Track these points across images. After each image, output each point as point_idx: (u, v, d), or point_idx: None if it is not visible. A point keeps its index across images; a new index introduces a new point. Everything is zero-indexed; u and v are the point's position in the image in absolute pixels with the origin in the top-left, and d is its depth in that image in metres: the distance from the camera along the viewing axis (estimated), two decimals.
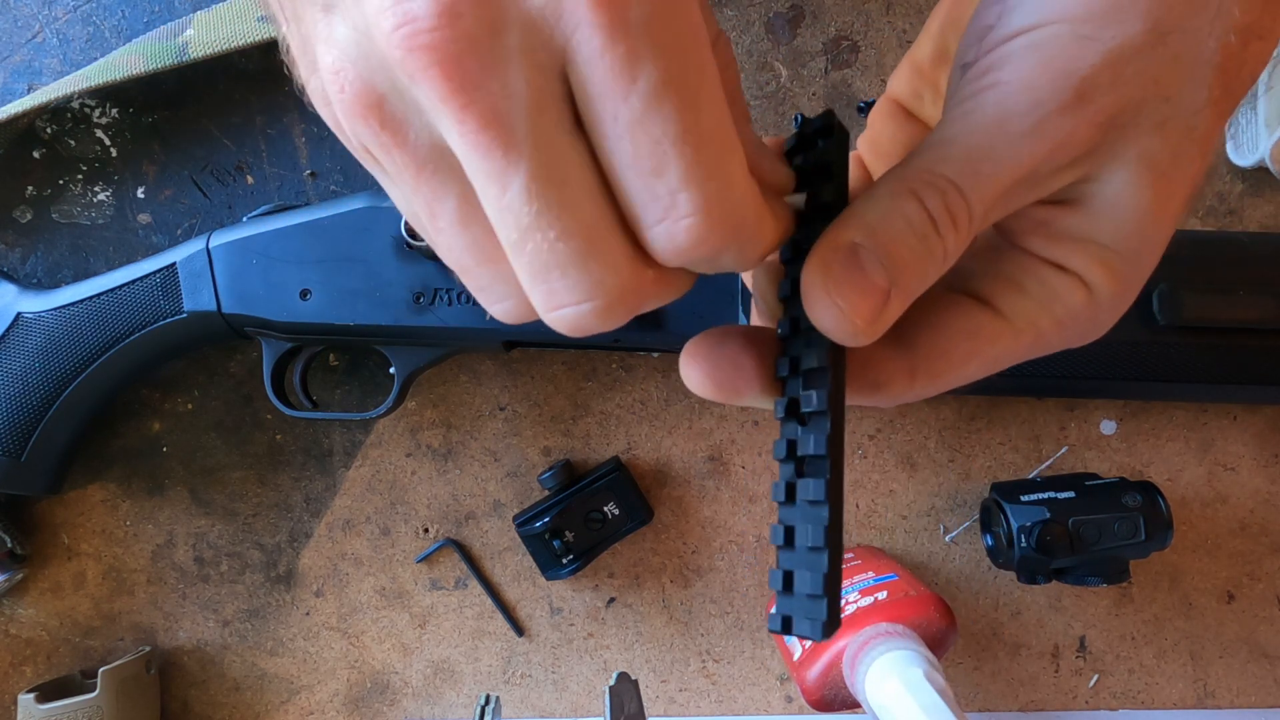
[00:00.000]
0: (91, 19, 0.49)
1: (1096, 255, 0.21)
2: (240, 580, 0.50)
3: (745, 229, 0.18)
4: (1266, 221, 0.50)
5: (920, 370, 0.21)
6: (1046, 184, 0.20)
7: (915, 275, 0.20)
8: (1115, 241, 0.21)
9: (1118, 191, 0.20)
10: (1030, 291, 0.21)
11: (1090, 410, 0.51)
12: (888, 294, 0.19)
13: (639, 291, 0.18)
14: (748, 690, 0.51)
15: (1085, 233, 0.21)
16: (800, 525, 0.20)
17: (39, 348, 0.44)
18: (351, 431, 0.50)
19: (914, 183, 0.20)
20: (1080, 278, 0.21)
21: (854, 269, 0.19)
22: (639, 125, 0.16)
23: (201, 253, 0.43)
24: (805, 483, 0.20)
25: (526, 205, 0.17)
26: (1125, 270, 0.21)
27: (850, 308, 0.19)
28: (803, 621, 0.20)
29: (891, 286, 0.19)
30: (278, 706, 0.50)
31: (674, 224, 0.17)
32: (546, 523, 0.47)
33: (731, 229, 0.18)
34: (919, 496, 0.51)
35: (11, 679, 0.50)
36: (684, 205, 0.17)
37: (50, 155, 0.49)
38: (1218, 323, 0.43)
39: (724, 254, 0.18)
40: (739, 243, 0.18)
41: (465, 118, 0.16)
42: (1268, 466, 0.51)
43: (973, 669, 0.51)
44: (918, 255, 0.20)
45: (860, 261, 0.19)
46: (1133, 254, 0.21)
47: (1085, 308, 0.21)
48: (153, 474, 0.50)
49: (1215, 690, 0.51)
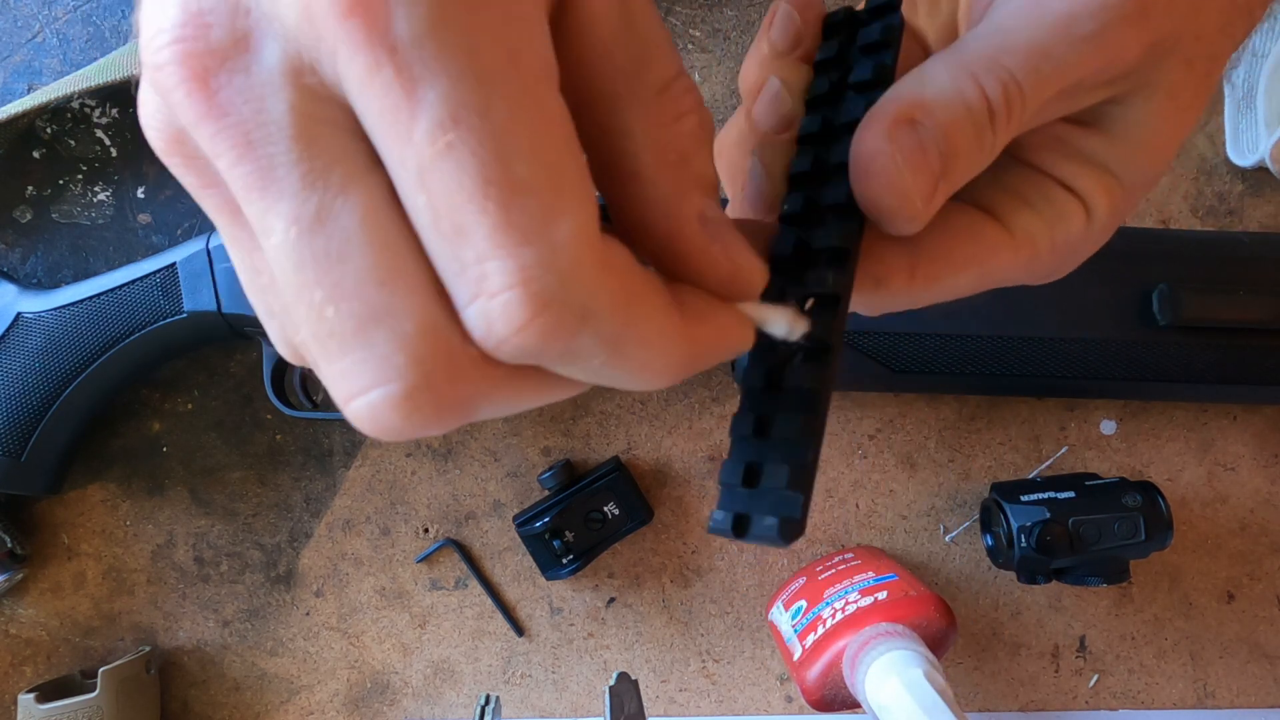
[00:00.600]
0: (91, 19, 0.49)
1: (1104, 181, 0.21)
2: (240, 580, 0.50)
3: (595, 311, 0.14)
4: (1266, 221, 0.50)
5: (920, 271, 0.20)
6: (1083, 97, 0.20)
7: (963, 166, 0.19)
8: (1123, 169, 0.21)
9: (1139, 119, 0.20)
10: (1037, 208, 0.21)
11: (1090, 410, 0.51)
12: (940, 179, 0.18)
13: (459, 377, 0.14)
14: (748, 690, 0.51)
15: (1099, 156, 0.21)
16: (783, 415, 0.18)
17: (39, 348, 0.44)
18: (351, 431, 0.50)
19: (975, 67, 0.18)
20: (1084, 201, 0.21)
21: (917, 145, 0.18)
22: (429, 172, 0.13)
23: (201, 253, 0.43)
24: (801, 369, 0.18)
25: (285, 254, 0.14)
26: (1122, 202, 0.21)
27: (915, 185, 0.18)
28: (764, 521, 0.17)
29: (943, 173, 0.18)
30: (278, 706, 0.50)
31: (487, 303, 0.13)
32: (546, 523, 0.47)
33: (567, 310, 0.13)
34: (919, 496, 0.51)
35: (11, 679, 0.50)
36: (494, 278, 0.13)
37: (50, 155, 0.49)
38: (1218, 323, 0.43)
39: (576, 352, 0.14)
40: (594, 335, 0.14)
41: (217, 146, 0.14)
42: (1268, 466, 0.51)
43: (973, 669, 0.51)
44: (970, 145, 0.18)
45: (920, 137, 0.18)
46: (1132, 186, 0.21)
47: (1081, 233, 0.21)
48: (153, 474, 0.50)
49: (1215, 690, 0.51)
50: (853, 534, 0.51)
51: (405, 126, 0.13)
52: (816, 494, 0.50)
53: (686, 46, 0.49)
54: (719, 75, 0.50)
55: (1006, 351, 0.43)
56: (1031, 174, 0.21)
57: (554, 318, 0.13)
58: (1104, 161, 0.21)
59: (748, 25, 0.49)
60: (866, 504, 0.51)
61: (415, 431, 0.14)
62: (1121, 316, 0.43)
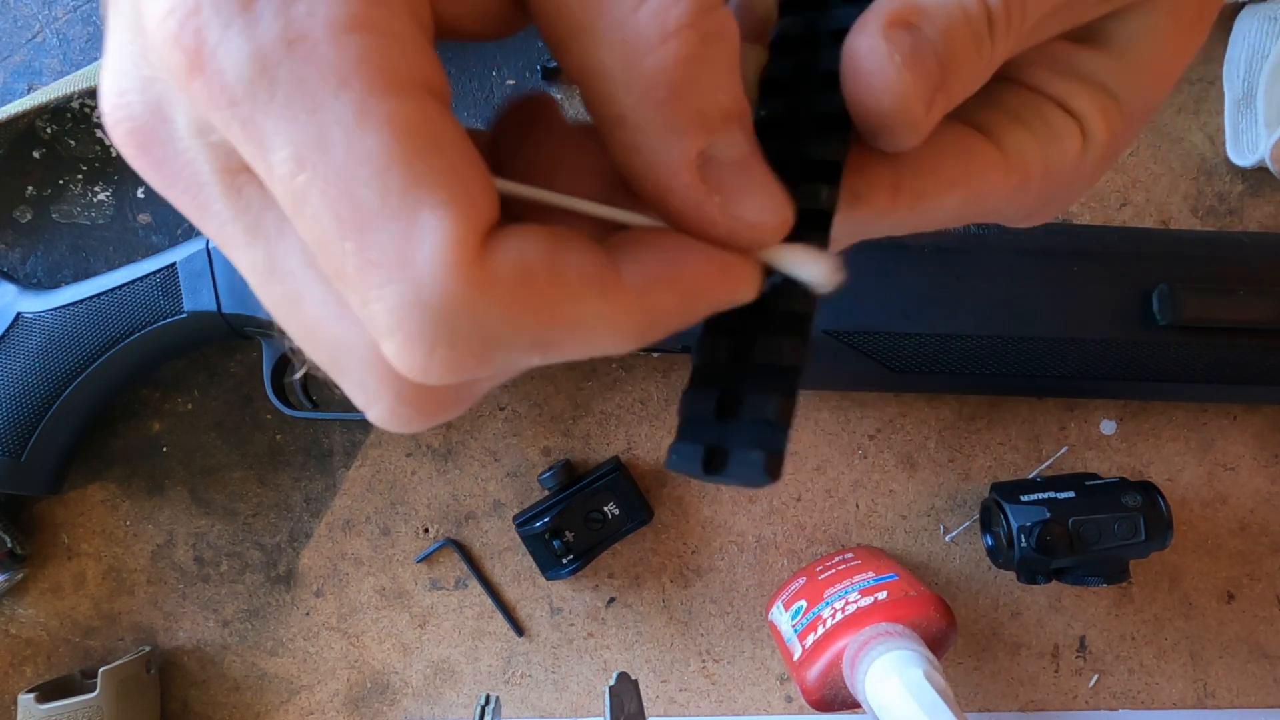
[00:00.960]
0: (91, 19, 0.49)
1: (1100, 102, 0.20)
2: (240, 580, 0.50)
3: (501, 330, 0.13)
4: (1266, 221, 0.50)
5: (904, 187, 0.18)
6: (1083, 11, 0.19)
7: (962, 78, 0.17)
8: (1122, 89, 0.20)
9: (1139, 36, 0.20)
10: (1031, 125, 0.20)
11: (1090, 410, 0.51)
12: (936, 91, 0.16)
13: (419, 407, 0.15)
14: (748, 690, 0.51)
15: (1097, 74, 0.20)
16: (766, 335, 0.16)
17: (39, 348, 0.44)
18: (351, 431, 0.50)
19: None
20: (1080, 123, 0.20)
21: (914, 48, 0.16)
22: (297, 216, 0.13)
23: (201, 253, 0.43)
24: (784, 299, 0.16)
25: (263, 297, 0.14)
26: (1120, 127, 0.20)
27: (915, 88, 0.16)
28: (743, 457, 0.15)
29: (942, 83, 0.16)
30: (278, 706, 0.50)
31: (387, 346, 0.13)
32: (546, 523, 0.47)
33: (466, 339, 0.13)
34: (919, 496, 0.51)
35: (11, 679, 0.50)
36: (378, 322, 0.13)
37: (50, 155, 0.49)
38: (1218, 323, 0.43)
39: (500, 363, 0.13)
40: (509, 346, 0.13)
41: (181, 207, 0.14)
42: (1268, 466, 0.51)
43: (973, 669, 0.51)
44: (969, 55, 0.17)
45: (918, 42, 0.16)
46: (1131, 110, 0.20)
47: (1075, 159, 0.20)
48: (153, 474, 0.50)
49: (1215, 690, 0.51)
50: (853, 534, 0.51)
51: (266, 175, 0.12)
52: (816, 494, 0.51)
53: None
54: None
55: (1006, 351, 0.43)
56: (1026, 93, 0.20)
57: (448, 350, 0.13)
58: (1102, 80, 0.20)
59: None
60: (866, 504, 0.51)
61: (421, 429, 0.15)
62: (1121, 316, 0.43)
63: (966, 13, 0.16)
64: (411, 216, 0.12)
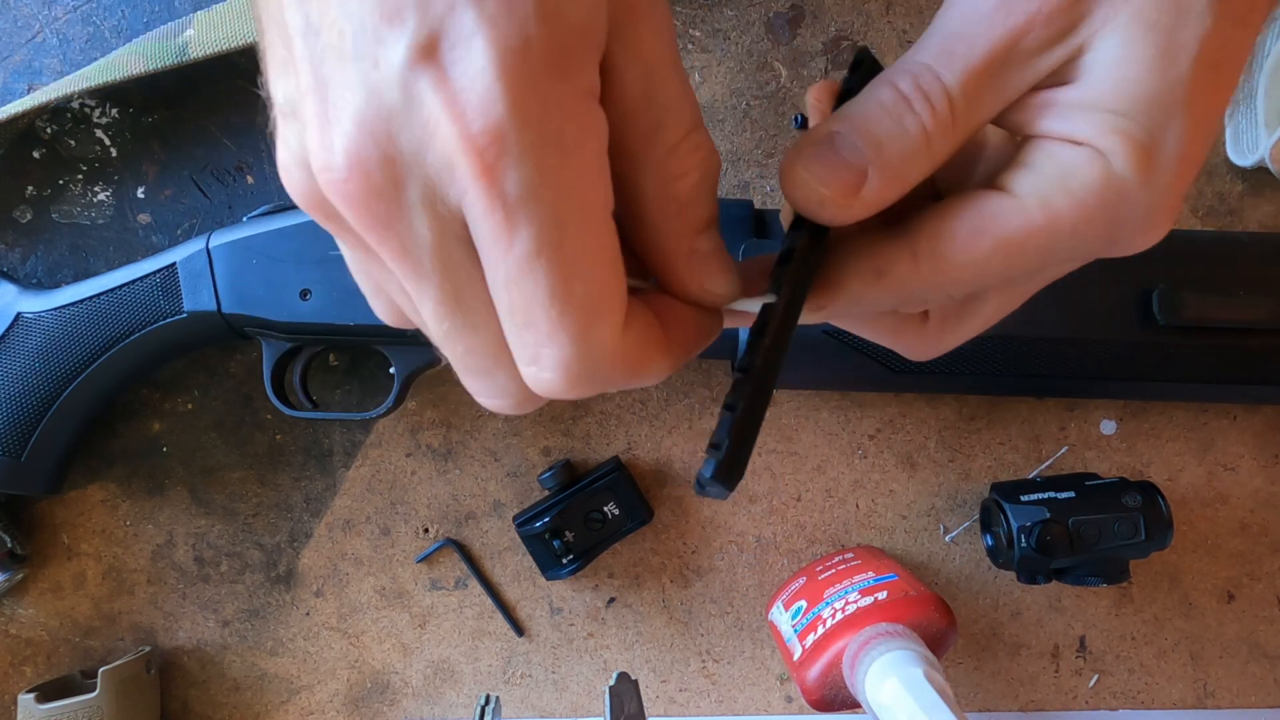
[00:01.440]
0: (91, 19, 0.49)
1: (1105, 121, 0.20)
2: (240, 580, 0.50)
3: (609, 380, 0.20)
4: (1266, 221, 0.50)
5: (922, 251, 0.21)
6: (1036, 63, 0.20)
7: (895, 152, 0.20)
8: (1124, 105, 0.20)
9: (1113, 54, 0.20)
10: (1037, 166, 0.21)
11: (1090, 410, 0.51)
12: (864, 171, 0.20)
13: (535, 402, 0.21)
14: (748, 690, 0.51)
15: (1089, 100, 0.20)
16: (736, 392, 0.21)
17: (39, 348, 0.44)
18: (351, 431, 0.50)
19: (889, 74, 0.21)
20: (1093, 147, 0.20)
21: (826, 149, 0.20)
22: (514, 283, 0.18)
23: (201, 253, 0.43)
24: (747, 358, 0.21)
25: (438, 324, 0.20)
26: (1144, 136, 0.20)
27: (819, 179, 0.20)
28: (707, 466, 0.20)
29: (869, 164, 0.20)
30: (278, 706, 0.50)
31: (537, 373, 0.19)
32: (546, 523, 0.47)
33: (589, 382, 0.19)
34: (919, 496, 0.51)
35: (11, 679, 0.50)
36: (545, 360, 0.19)
37: (50, 155, 0.49)
38: (1218, 323, 0.43)
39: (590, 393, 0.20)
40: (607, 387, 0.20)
41: (381, 249, 0.19)
42: (1268, 466, 0.51)
43: (973, 669, 0.51)
44: (894, 133, 0.20)
45: (835, 144, 0.20)
46: (1148, 118, 0.20)
47: (1106, 182, 0.20)
48: (153, 474, 0.50)
49: (1215, 690, 0.51)
50: (853, 534, 0.51)
51: (505, 250, 0.18)
52: (816, 494, 0.51)
53: (686, 46, 0.49)
54: (719, 75, 0.50)
55: (1006, 351, 0.43)
56: (1031, 141, 0.21)
57: (579, 390, 0.19)
58: (1097, 104, 0.20)
59: (747, 25, 0.49)
60: (866, 504, 0.51)
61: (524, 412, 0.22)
62: (1121, 316, 0.43)
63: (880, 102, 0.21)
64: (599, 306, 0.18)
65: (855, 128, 0.20)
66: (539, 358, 0.19)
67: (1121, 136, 0.20)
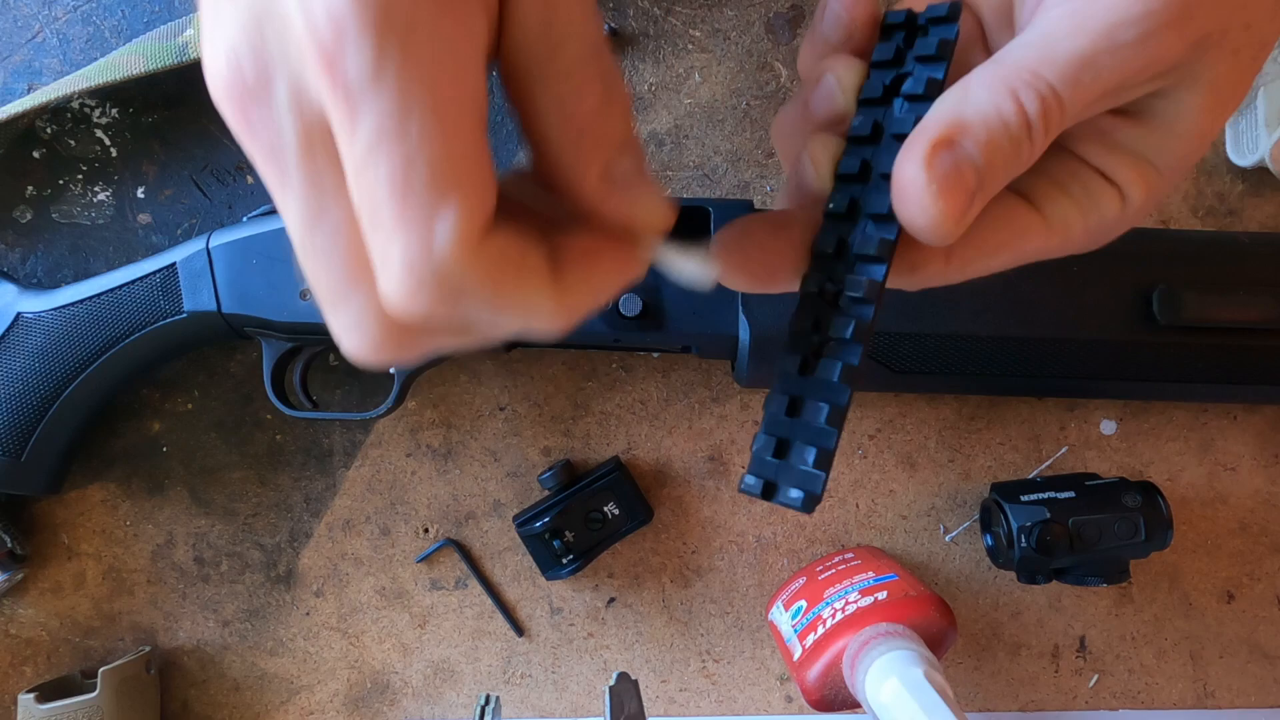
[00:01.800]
0: (91, 19, 0.49)
1: (1142, 170, 0.21)
2: (240, 580, 0.50)
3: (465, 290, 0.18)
4: (1266, 221, 0.50)
5: (956, 255, 0.22)
6: (1126, 95, 0.20)
7: (1000, 178, 0.20)
8: (1161, 159, 0.21)
9: (1181, 112, 0.21)
10: (1074, 196, 0.22)
11: (1090, 410, 0.51)
12: (977, 191, 0.19)
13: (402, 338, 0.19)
14: (748, 690, 0.51)
15: (1140, 147, 0.21)
16: (812, 400, 0.21)
17: (39, 348, 0.44)
18: (351, 431, 0.50)
19: (1015, 82, 0.20)
20: (1121, 190, 0.22)
21: (953, 169, 0.19)
22: (360, 174, 0.17)
23: (201, 253, 0.43)
24: (830, 363, 0.21)
25: (301, 239, 0.19)
26: (1158, 188, 0.22)
27: (948, 205, 0.19)
28: (789, 490, 0.20)
29: (980, 186, 0.19)
30: (278, 706, 0.50)
31: (385, 279, 0.17)
32: (546, 523, 0.47)
33: (440, 289, 0.17)
34: (919, 496, 0.51)
35: (11, 679, 0.50)
36: (391, 260, 0.17)
37: (50, 155, 0.49)
38: (1218, 323, 0.43)
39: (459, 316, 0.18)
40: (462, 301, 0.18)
41: (251, 150, 0.18)
42: (1268, 466, 0.51)
43: (973, 669, 0.51)
44: (1007, 159, 0.20)
45: (957, 156, 0.19)
46: (1170, 173, 0.22)
47: (1115, 219, 0.22)
48: (153, 474, 0.50)
49: (1215, 690, 0.51)
50: (853, 534, 0.51)
51: (350, 138, 0.17)
52: None
53: (687, 46, 0.49)
54: (719, 75, 0.50)
55: (1006, 351, 0.43)
56: (1071, 161, 0.22)
57: (430, 293, 0.17)
58: (1143, 151, 0.21)
59: (747, 25, 0.49)
60: (866, 504, 0.51)
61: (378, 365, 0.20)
62: (1121, 316, 0.43)
63: (1006, 123, 0.19)
64: (445, 198, 0.17)
65: (978, 145, 0.19)
66: (386, 260, 0.17)
67: (1146, 185, 0.21)
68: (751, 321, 0.43)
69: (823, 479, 0.20)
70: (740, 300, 0.43)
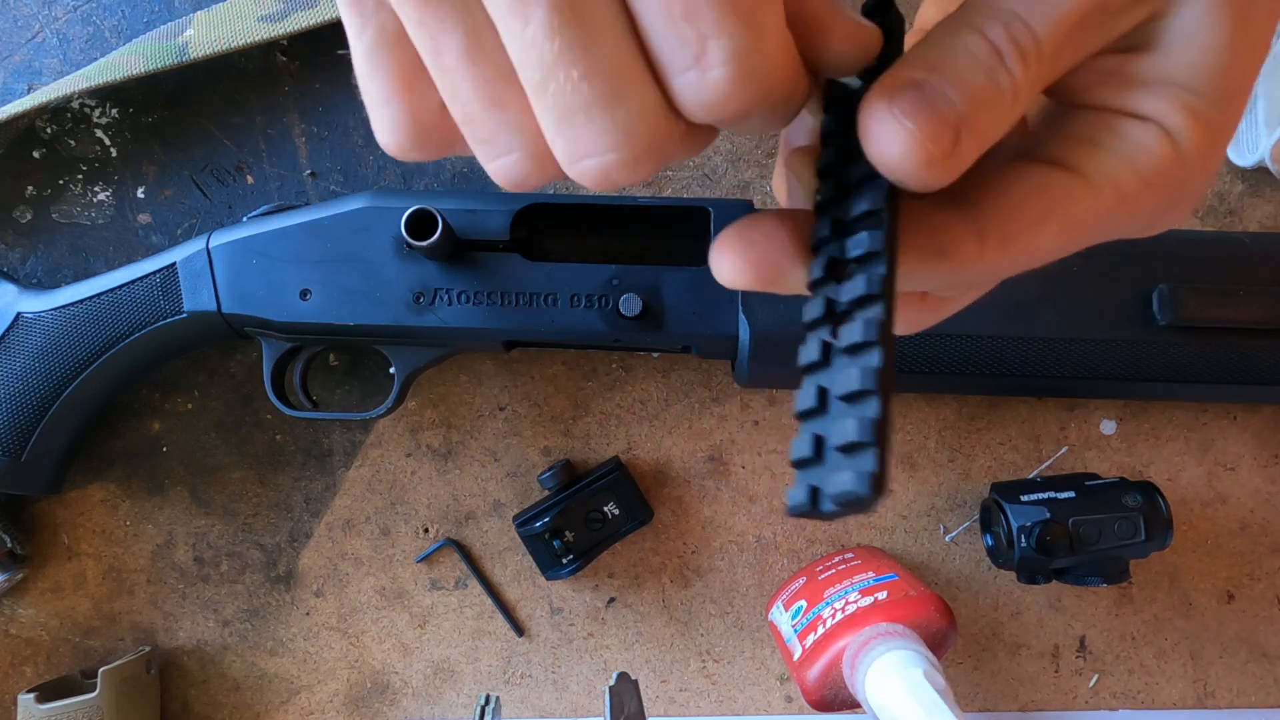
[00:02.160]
0: (91, 19, 0.49)
1: (1176, 97, 0.19)
2: (240, 580, 0.50)
3: (777, 89, 0.17)
4: (1266, 221, 0.50)
5: (990, 232, 0.20)
6: (1114, 23, 0.19)
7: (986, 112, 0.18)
8: (1194, 81, 0.19)
9: (1190, 25, 0.19)
10: (1106, 144, 0.20)
11: (1090, 410, 0.51)
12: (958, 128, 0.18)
13: (666, 144, 0.18)
14: (748, 690, 0.51)
15: (1160, 74, 0.19)
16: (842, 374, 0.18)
17: (39, 348, 0.44)
18: (351, 431, 0.50)
19: (973, 18, 0.19)
20: (1160, 124, 0.19)
21: (920, 98, 0.18)
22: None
23: (201, 253, 0.43)
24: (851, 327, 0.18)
25: (549, 40, 0.16)
26: (1210, 113, 0.19)
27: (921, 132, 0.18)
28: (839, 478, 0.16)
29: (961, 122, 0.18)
30: (278, 706, 0.50)
31: (702, 75, 0.16)
32: (546, 523, 0.47)
33: (763, 88, 0.16)
34: (919, 496, 0.51)
35: (11, 679, 0.50)
36: (714, 54, 0.16)
37: (50, 155, 0.49)
38: (1218, 323, 0.43)
39: (751, 115, 0.17)
40: (769, 104, 0.17)
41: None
42: (1268, 466, 0.51)
43: (973, 669, 0.51)
44: (986, 90, 0.18)
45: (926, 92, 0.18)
46: (1215, 95, 0.19)
47: (1171, 160, 0.19)
48: (153, 474, 0.50)
49: (1215, 690, 0.51)
50: (853, 534, 0.51)
51: None
52: None
53: None
54: None
55: (1006, 351, 0.43)
56: (1093, 114, 0.20)
57: (749, 93, 0.16)
58: (1168, 78, 0.19)
59: None
60: None
61: (627, 181, 0.18)
62: (1121, 316, 0.43)
63: (971, 53, 0.18)
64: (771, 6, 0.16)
65: (947, 77, 0.18)
66: (705, 53, 0.16)
67: (1191, 116, 0.19)
68: (751, 321, 0.43)
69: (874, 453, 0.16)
70: (740, 300, 0.43)
